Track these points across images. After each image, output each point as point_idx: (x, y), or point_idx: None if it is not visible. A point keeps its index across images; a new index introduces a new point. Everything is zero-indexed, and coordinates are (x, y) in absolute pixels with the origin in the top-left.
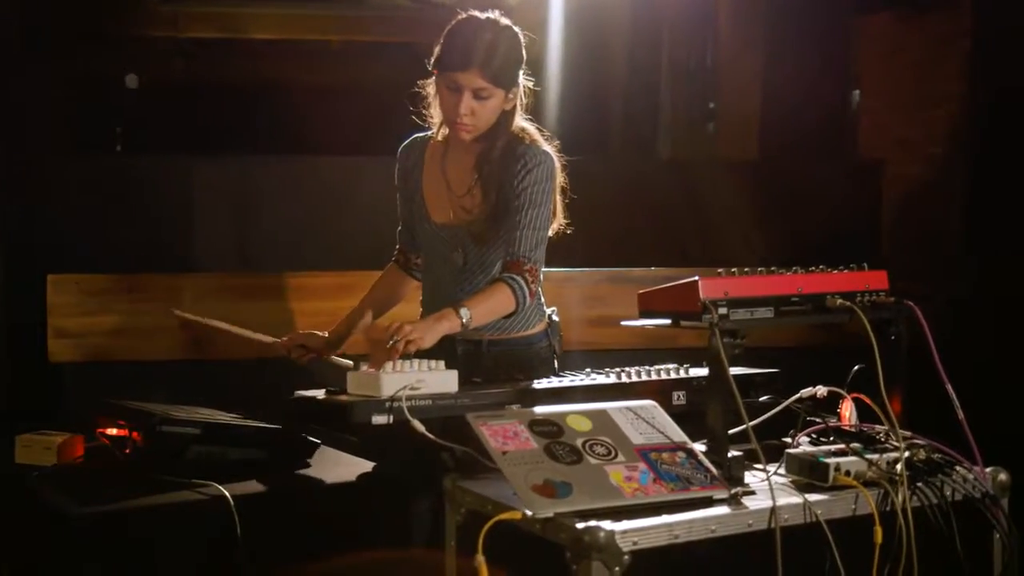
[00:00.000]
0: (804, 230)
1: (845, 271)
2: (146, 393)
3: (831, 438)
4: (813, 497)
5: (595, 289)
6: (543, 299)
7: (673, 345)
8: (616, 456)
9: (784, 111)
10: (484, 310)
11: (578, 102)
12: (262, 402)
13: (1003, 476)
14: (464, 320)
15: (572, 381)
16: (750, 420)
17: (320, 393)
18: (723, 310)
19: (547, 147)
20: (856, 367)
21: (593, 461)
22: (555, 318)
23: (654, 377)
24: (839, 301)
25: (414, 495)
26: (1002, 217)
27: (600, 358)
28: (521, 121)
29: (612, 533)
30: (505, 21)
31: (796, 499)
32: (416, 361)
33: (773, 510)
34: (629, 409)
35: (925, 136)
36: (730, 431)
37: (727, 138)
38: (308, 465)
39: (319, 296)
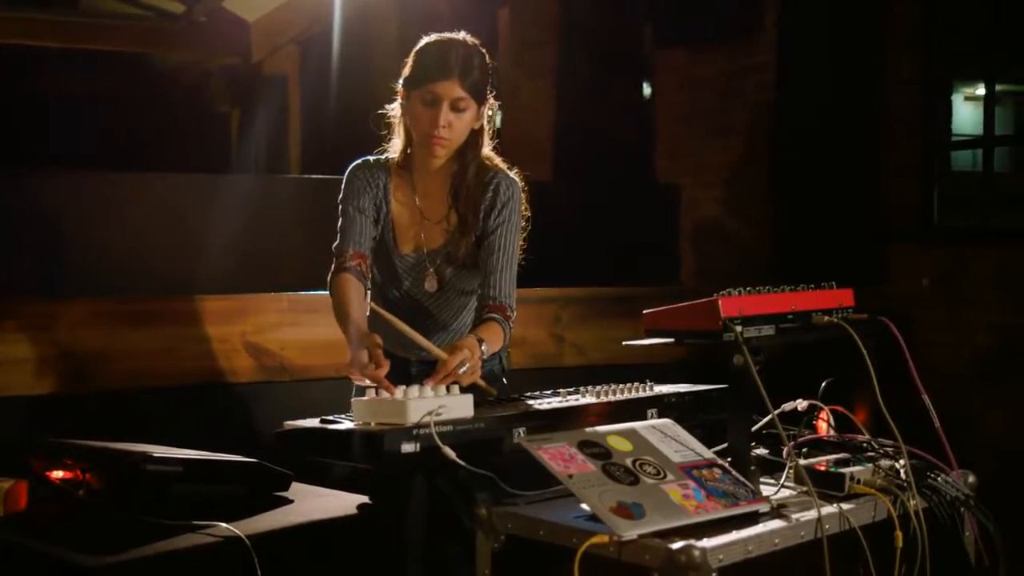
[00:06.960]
0: (599, 253)
1: (817, 289)
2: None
3: (804, 449)
4: (844, 506)
5: None
6: None
7: (558, 364)
8: (666, 476)
9: (579, 135)
10: (492, 347)
11: (345, 124)
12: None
13: (972, 478)
14: (483, 351)
15: (565, 401)
16: (712, 441)
17: (313, 422)
18: (739, 328)
19: (512, 174)
20: (826, 380)
21: (649, 481)
22: None
23: (635, 395)
24: (825, 318)
25: (418, 525)
26: (804, 240)
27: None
28: (486, 147)
29: (705, 551)
30: (472, 40)
31: (831, 509)
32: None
33: (819, 520)
34: (655, 428)
35: (724, 162)
36: None
37: (515, 159)
38: (290, 500)
39: (210, 321)
